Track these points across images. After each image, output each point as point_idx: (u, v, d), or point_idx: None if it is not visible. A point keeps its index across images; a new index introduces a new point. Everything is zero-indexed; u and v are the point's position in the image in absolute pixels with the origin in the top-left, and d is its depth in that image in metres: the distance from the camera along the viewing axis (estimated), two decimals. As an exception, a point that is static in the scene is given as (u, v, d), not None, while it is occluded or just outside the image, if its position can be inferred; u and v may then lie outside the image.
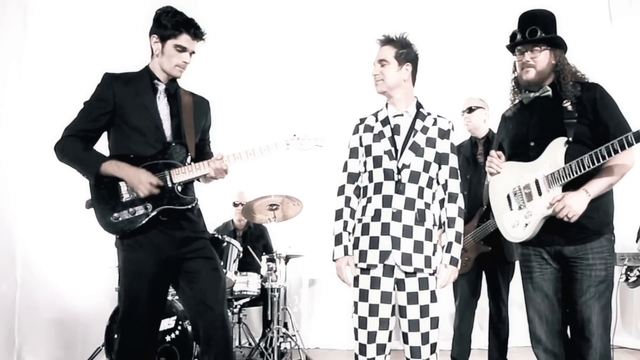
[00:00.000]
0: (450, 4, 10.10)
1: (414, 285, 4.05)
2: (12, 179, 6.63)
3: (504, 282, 6.57)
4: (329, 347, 9.48)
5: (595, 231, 3.97)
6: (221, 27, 9.84)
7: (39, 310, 6.95)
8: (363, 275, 4.12)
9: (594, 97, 3.94)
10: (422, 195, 4.14)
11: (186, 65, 4.28)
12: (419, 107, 4.36)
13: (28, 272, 6.77)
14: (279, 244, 8.57)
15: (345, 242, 4.27)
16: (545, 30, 4.05)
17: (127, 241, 4.12)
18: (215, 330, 4.23)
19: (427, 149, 4.17)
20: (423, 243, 4.05)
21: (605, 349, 3.98)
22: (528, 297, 4.33)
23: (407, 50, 4.22)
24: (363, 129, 4.41)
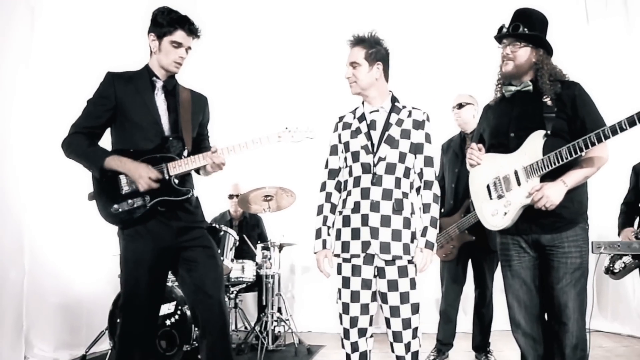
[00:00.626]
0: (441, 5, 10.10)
1: (393, 273, 4.11)
2: (21, 172, 6.64)
3: (488, 270, 6.67)
4: (321, 330, 9.54)
5: (570, 220, 4.03)
6: (219, 27, 9.96)
7: (45, 296, 6.97)
8: (345, 264, 4.21)
9: (574, 95, 3.99)
10: (400, 185, 4.19)
11: (183, 60, 4.33)
12: (394, 102, 4.41)
13: (35, 260, 6.78)
14: (273, 233, 8.77)
15: (324, 236, 4.42)
16: (528, 28, 4.08)
17: (127, 231, 4.18)
18: (213, 315, 4.28)
19: (402, 141, 4.22)
20: (401, 231, 4.11)
21: (581, 332, 4.02)
22: (507, 284, 4.38)
23: (377, 49, 4.27)
24: (342, 126, 4.50)
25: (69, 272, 7.34)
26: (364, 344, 4.29)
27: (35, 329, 6.79)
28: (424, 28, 9.59)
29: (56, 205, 7.07)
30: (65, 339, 7.18)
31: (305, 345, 7.77)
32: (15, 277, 6.47)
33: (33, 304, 6.72)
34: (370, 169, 4.18)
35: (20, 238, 6.60)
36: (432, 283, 7.48)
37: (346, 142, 4.38)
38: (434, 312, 7.31)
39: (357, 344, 4.24)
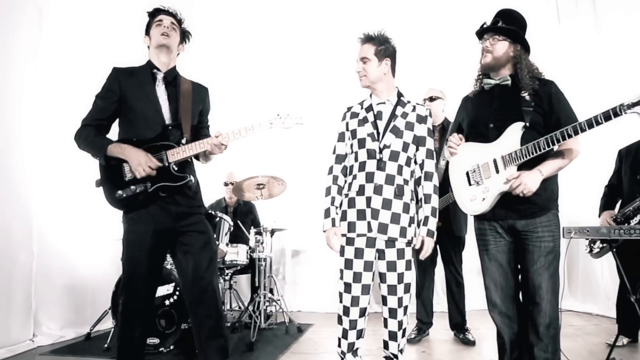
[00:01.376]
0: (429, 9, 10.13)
1: (392, 255, 4.23)
2: (29, 162, 6.65)
3: (455, 253, 6.87)
4: (310, 310, 9.57)
5: (543, 207, 4.07)
6: (217, 22, 10.07)
7: (53, 278, 7.00)
8: (348, 247, 4.28)
9: (550, 92, 4.04)
10: (401, 172, 4.29)
11: (167, 31, 4.38)
12: (400, 96, 4.50)
13: (43, 244, 6.82)
14: (265, 219, 8.80)
15: (333, 215, 4.45)
16: (507, 24, 4.16)
17: (130, 215, 4.27)
18: (206, 295, 4.40)
19: (406, 132, 4.32)
20: (400, 215, 4.20)
21: (554, 311, 4.05)
22: (484, 267, 4.42)
23: (386, 46, 4.36)
24: (350, 115, 4.57)
25: (75, 255, 7.38)
26: (362, 322, 4.39)
27: (43, 309, 6.84)
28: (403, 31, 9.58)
29: (63, 193, 7.09)
30: (71, 318, 7.21)
31: (295, 324, 7.81)
32: (24, 261, 6.52)
33: (41, 285, 6.77)
34: (375, 155, 4.30)
35: (29, 224, 6.64)
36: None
37: (353, 129, 4.49)
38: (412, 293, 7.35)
39: (355, 322, 4.33)
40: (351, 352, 4.44)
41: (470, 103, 4.51)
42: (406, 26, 9.68)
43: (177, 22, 4.51)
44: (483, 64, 4.31)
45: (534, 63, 4.21)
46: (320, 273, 9.57)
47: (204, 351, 4.46)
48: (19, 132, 6.55)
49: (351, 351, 4.44)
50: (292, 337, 7.14)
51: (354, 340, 4.41)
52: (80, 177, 6.34)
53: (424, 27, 9.93)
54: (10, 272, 6.29)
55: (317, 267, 9.63)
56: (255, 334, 6.60)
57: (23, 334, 6.45)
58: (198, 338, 4.47)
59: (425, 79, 8.09)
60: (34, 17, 6.81)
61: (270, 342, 6.78)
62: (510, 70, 4.23)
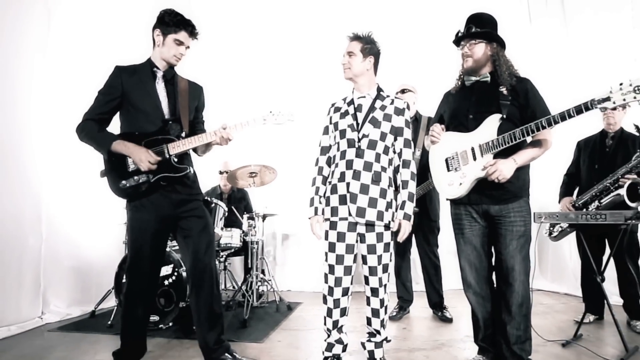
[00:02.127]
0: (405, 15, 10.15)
1: (372, 238, 4.28)
2: (39, 152, 6.68)
3: (431, 237, 6.92)
4: (298, 289, 9.65)
5: (515, 194, 4.13)
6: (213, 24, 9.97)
7: (60, 259, 7.06)
8: (331, 231, 4.34)
9: (526, 88, 4.12)
10: (379, 160, 4.33)
11: (182, 56, 4.49)
12: (379, 91, 4.54)
13: (51, 228, 6.87)
14: (257, 204, 8.89)
15: (316, 205, 4.52)
16: (480, 28, 4.21)
17: (134, 203, 4.33)
18: (204, 275, 4.51)
19: (383, 123, 4.37)
20: (377, 200, 4.26)
21: (526, 291, 4.11)
22: (460, 249, 4.49)
23: (371, 46, 4.45)
24: (333, 110, 4.65)
25: (81, 239, 7.43)
26: (345, 301, 4.46)
27: (51, 289, 6.89)
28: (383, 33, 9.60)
29: (70, 181, 7.13)
30: (77, 297, 7.26)
31: (285, 302, 7.91)
32: (34, 244, 6.58)
33: (49, 267, 6.83)
34: (354, 144, 4.35)
35: (38, 209, 6.69)
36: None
37: (336, 122, 4.55)
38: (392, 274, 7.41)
39: (339, 301, 4.41)
40: (336, 329, 4.50)
41: (452, 97, 4.56)
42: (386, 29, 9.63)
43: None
44: (466, 68, 4.36)
45: (510, 59, 4.27)
46: (308, 255, 9.64)
47: (201, 328, 4.55)
48: (29, 124, 6.59)
49: (336, 328, 4.50)
50: (282, 315, 7.18)
51: (338, 318, 4.47)
52: (86, 166, 6.36)
53: (400, 30, 9.90)
54: (21, 254, 6.35)
55: (306, 249, 9.71)
56: (248, 312, 6.63)
57: (32, 312, 6.50)
58: (196, 316, 4.56)
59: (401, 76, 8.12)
60: (43, 16, 6.84)
61: (262, 319, 6.81)
62: (490, 68, 4.30)
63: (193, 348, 5.25)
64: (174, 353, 5.18)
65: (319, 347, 4.85)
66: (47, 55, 6.89)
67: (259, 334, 5.98)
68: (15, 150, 6.36)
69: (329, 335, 4.55)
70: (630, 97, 3.41)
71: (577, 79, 8.64)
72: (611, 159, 5.93)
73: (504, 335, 4.22)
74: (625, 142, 5.94)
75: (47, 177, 6.84)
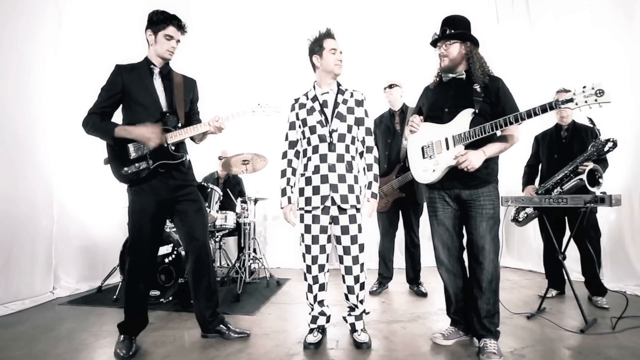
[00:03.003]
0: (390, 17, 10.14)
1: (345, 220, 4.36)
2: (51, 142, 6.74)
3: (415, 219, 6.92)
4: (287, 266, 9.76)
5: (484, 180, 4.17)
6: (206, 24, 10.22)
7: (70, 239, 7.14)
8: (307, 214, 4.44)
9: (498, 87, 4.15)
10: (349, 150, 4.44)
11: (174, 49, 4.52)
12: (339, 86, 4.60)
13: (62, 211, 6.97)
14: (250, 189, 8.97)
15: (289, 194, 4.63)
16: (454, 29, 4.24)
17: (134, 188, 4.38)
18: (200, 253, 4.60)
19: (348, 116, 4.45)
20: (353, 186, 4.38)
21: (495, 269, 4.14)
22: (433, 230, 4.53)
23: None
24: (298, 106, 4.67)
25: (89, 221, 7.52)
26: (322, 277, 4.56)
27: (62, 266, 6.98)
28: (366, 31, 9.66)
29: (78, 168, 7.20)
30: (85, 273, 7.35)
31: (275, 279, 7.97)
32: (46, 225, 6.69)
33: (60, 246, 6.93)
34: (326, 139, 4.39)
35: (50, 194, 6.78)
36: (373, 230, 7.57)
37: (303, 118, 4.55)
38: (376, 253, 7.43)
39: (317, 277, 4.52)
40: (317, 302, 4.60)
41: (430, 92, 4.57)
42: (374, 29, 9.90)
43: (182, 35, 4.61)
44: (443, 67, 4.38)
45: (483, 58, 4.31)
46: (295, 235, 9.53)
47: (199, 302, 4.67)
48: (42, 116, 6.66)
49: (317, 302, 4.60)
50: (271, 290, 7.21)
51: (317, 293, 4.58)
52: (93, 155, 6.34)
53: (388, 30, 9.93)
54: (34, 234, 6.45)
55: (293, 230, 9.50)
56: (241, 287, 6.67)
57: (45, 287, 6.58)
58: (194, 291, 4.66)
59: (386, 71, 8.13)
60: (55, 18, 6.92)
61: (253, 294, 6.83)
62: (465, 66, 4.33)
63: (191, 320, 5.28)
64: (173, 325, 5.19)
65: (305, 319, 4.91)
66: (58, 53, 6.95)
67: (251, 307, 6.00)
68: (29, 141, 6.44)
69: (313, 308, 4.64)
70: (592, 99, 3.48)
71: (541, 75, 8.73)
72: (568, 148, 6.02)
73: (475, 309, 4.25)
74: (579, 132, 6.05)
75: (58, 165, 6.91)
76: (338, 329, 4.98)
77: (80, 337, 4.76)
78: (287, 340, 4.65)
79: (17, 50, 6.22)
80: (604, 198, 4.63)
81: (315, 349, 4.40)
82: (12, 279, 6.02)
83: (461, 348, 4.36)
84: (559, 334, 4.75)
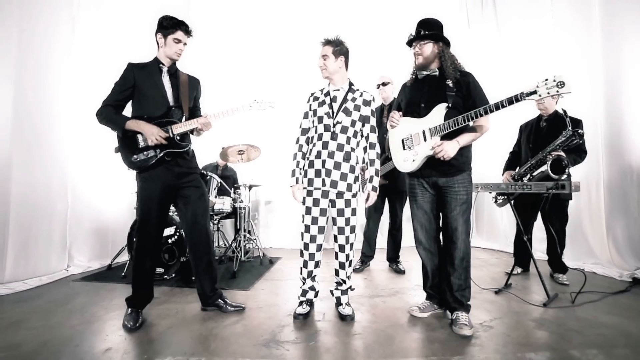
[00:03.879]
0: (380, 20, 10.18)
1: (341, 204, 4.43)
2: (66, 133, 6.79)
3: (398, 204, 6.99)
4: (278, 246, 9.73)
5: (459, 168, 4.24)
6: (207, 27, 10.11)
7: (83, 222, 7.20)
8: (308, 197, 4.48)
9: (469, 81, 4.20)
10: (349, 142, 4.47)
11: (181, 51, 4.60)
12: (351, 85, 4.64)
13: (76, 196, 7.03)
14: (245, 177, 8.91)
15: (297, 175, 4.66)
16: (427, 30, 4.30)
17: (142, 175, 4.40)
18: (201, 235, 4.64)
19: (354, 112, 4.49)
20: (347, 174, 4.41)
21: (467, 247, 4.23)
22: (413, 213, 4.58)
23: (340, 47, 4.55)
24: (312, 99, 4.73)
25: (100, 205, 7.57)
26: (318, 255, 4.60)
27: (75, 246, 7.05)
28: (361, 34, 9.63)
29: (91, 157, 7.25)
30: (96, 252, 7.40)
31: (267, 257, 8.04)
32: (61, 209, 6.74)
33: (74, 228, 7.00)
34: (330, 129, 4.47)
35: (65, 181, 6.83)
36: (359, 213, 7.66)
37: (314, 109, 4.64)
38: (360, 234, 7.52)
39: (314, 255, 4.57)
40: (310, 277, 4.66)
41: (408, 89, 4.61)
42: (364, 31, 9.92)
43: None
44: (417, 65, 4.42)
45: (454, 56, 4.36)
46: (286, 218, 9.79)
47: (199, 278, 4.75)
48: (58, 111, 6.70)
49: (310, 277, 4.66)
50: (265, 267, 7.24)
51: (312, 269, 4.63)
52: (104, 145, 6.49)
53: (376, 31, 10.00)
54: (51, 217, 6.50)
55: (284, 213, 9.86)
56: (237, 265, 6.71)
57: (60, 265, 6.62)
58: (195, 269, 4.71)
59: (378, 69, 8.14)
60: (69, 23, 6.99)
61: (248, 271, 6.84)
62: (438, 64, 4.36)
63: (192, 295, 5.36)
64: (176, 299, 5.20)
65: (295, 293, 5.08)
66: (71, 55, 7.00)
67: (246, 283, 6.02)
68: (47, 133, 6.49)
69: (304, 283, 4.69)
70: (554, 90, 3.53)
71: (508, 73, 8.81)
72: (545, 138, 6.00)
73: (448, 284, 4.32)
74: (557, 123, 5.99)
75: (72, 155, 6.95)
76: (325, 303, 5.02)
77: (92, 310, 4.77)
78: (278, 313, 4.68)
79: (35, 52, 6.27)
80: (564, 184, 4.68)
81: (304, 320, 4.47)
82: (31, 258, 6.06)
83: (435, 320, 4.41)
84: (523, 307, 4.80)
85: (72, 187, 6.97)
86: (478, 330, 4.07)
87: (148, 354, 3.62)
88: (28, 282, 5.84)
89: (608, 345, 3.70)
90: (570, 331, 4.03)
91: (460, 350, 3.65)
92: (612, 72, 6.52)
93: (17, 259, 5.85)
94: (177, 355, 3.58)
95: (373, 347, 3.72)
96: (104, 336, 4.01)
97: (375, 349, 3.70)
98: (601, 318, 4.39)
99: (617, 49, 6.43)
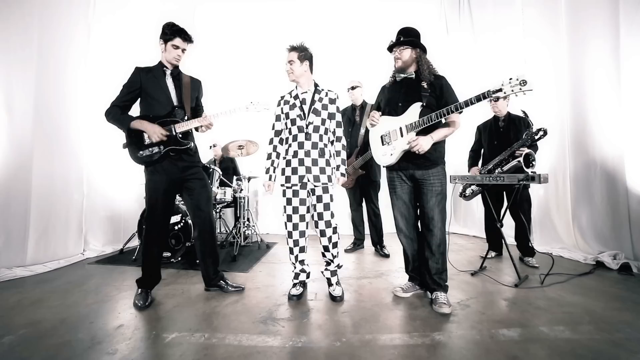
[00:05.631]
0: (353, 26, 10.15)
1: (320, 191, 4.50)
2: (82, 130, 6.87)
3: (373, 192, 7.14)
4: (275, 233, 9.77)
5: (434, 162, 4.29)
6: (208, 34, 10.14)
7: (97, 210, 7.29)
8: (288, 190, 4.54)
9: (442, 83, 4.25)
10: (322, 139, 4.55)
11: (180, 57, 4.61)
12: (316, 87, 4.69)
13: (91, 186, 7.11)
14: (244, 169, 9.09)
15: (271, 173, 4.78)
16: (406, 37, 4.36)
17: (149, 169, 4.46)
18: (204, 222, 4.68)
19: (322, 111, 4.57)
20: (325, 168, 4.50)
21: (443, 235, 4.27)
22: (393, 203, 4.61)
23: (305, 52, 4.60)
24: (283, 102, 4.78)
25: (113, 194, 7.65)
26: (303, 241, 4.64)
27: (91, 232, 7.12)
28: (333, 38, 9.68)
29: (105, 151, 7.30)
30: (109, 238, 7.48)
31: (264, 243, 8.11)
32: (77, 198, 6.81)
33: (89, 215, 7.08)
34: (303, 130, 4.52)
35: (80, 173, 6.90)
36: (345, 203, 7.77)
37: (287, 112, 4.66)
38: (348, 221, 7.61)
39: (297, 241, 4.61)
40: (298, 262, 4.72)
41: (387, 90, 4.64)
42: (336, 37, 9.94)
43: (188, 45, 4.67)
44: (396, 68, 4.46)
45: (430, 60, 4.41)
46: (281, 207, 9.55)
47: (203, 261, 4.80)
48: (75, 111, 6.77)
49: (298, 261, 4.71)
50: (262, 252, 7.27)
51: (298, 254, 4.67)
52: (116, 141, 6.38)
53: (348, 37, 9.92)
54: (68, 206, 6.58)
55: (280, 203, 9.61)
56: (237, 250, 6.77)
57: (76, 250, 6.69)
58: (199, 253, 4.75)
59: (348, 73, 8.17)
60: (84, 30, 7.09)
61: (247, 255, 6.87)
62: (414, 68, 4.41)
63: (196, 277, 5.43)
64: (182, 280, 5.23)
65: (290, 276, 5.17)
66: (87, 61, 7.08)
67: (245, 266, 6.04)
68: (65, 130, 6.55)
69: (295, 267, 4.74)
70: (517, 88, 3.61)
71: (483, 77, 8.83)
72: (505, 136, 6.09)
73: (427, 268, 4.36)
74: (514, 122, 6.12)
75: (88, 149, 7.03)
76: (317, 284, 5.05)
77: (105, 290, 4.79)
78: (274, 293, 4.70)
79: (54, 57, 6.33)
80: (534, 176, 4.69)
81: (298, 299, 4.51)
82: (50, 243, 6.11)
83: (417, 299, 4.45)
84: (497, 287, 4.83)
85: (87, 178, 7.04)
86: (456, 309, 4.10)
87: (156, 330, 3.65)
88: (47, 264, 5.88)
89: (573, 322, 3.73)
90: (540, 309, 4.06)
91: (439, 327, 3.68)
92: (577, 75, 6.54)
93: (37, 244, 5.90)
94: (182, 331, 3.61)
95: (360, 324, 3.75)
96: (116, 314, 4.03)
97: (363, 325, 3.73)
98: (567, 298, 4.42)
99: (582, 53, 6.44)
